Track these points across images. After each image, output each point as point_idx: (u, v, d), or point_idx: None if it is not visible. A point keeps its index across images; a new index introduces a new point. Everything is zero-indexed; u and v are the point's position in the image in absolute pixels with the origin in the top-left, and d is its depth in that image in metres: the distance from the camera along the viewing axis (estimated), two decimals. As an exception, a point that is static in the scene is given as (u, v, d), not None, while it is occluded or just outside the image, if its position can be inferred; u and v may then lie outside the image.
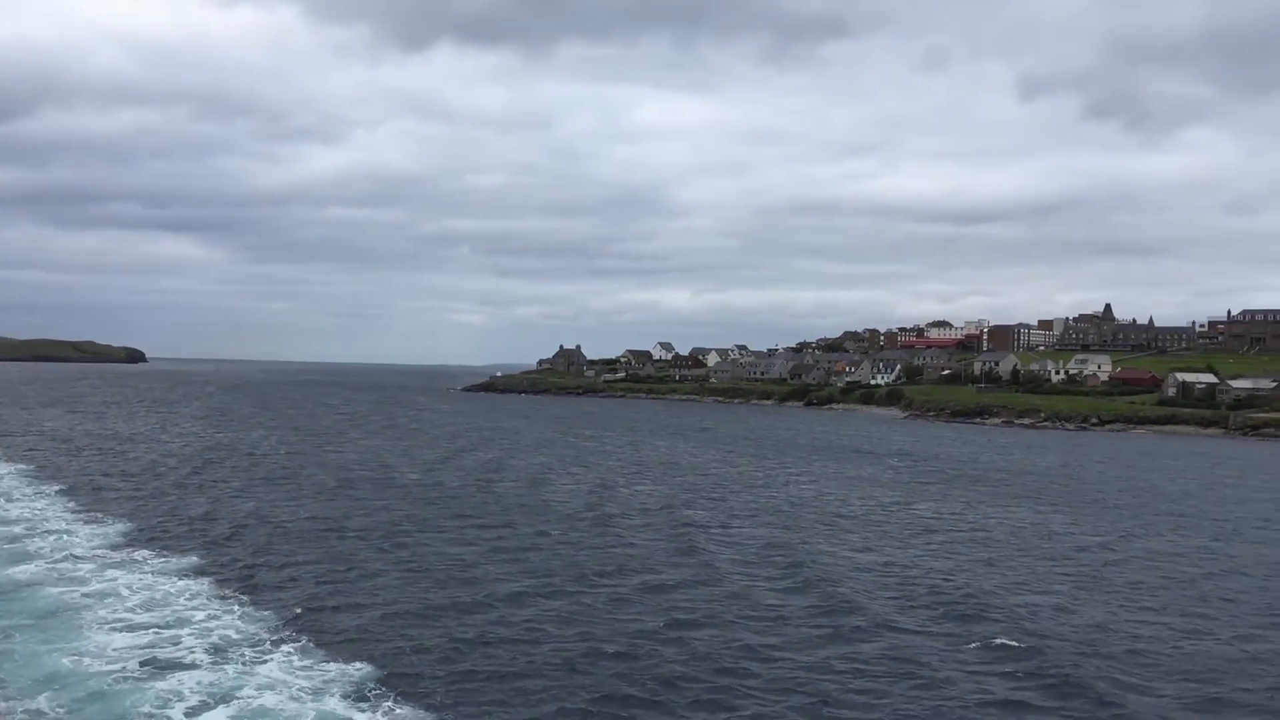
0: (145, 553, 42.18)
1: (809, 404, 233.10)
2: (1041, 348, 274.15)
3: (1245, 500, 75.88)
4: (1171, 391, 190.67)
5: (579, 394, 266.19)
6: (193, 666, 27.85)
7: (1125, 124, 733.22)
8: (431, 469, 78.58)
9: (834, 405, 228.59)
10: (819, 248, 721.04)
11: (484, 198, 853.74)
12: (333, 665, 28.17)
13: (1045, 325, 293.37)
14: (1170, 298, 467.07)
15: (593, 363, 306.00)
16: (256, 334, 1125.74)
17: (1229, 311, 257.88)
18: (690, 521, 55.25)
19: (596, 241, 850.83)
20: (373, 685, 26.66)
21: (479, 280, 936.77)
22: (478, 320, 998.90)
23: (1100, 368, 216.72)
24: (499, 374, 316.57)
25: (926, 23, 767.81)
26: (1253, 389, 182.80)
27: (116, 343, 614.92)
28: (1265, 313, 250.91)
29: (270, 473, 72.81)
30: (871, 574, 42.24)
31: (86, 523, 48.99)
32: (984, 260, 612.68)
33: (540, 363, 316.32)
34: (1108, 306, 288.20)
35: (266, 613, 33.34)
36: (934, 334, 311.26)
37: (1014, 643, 31.96)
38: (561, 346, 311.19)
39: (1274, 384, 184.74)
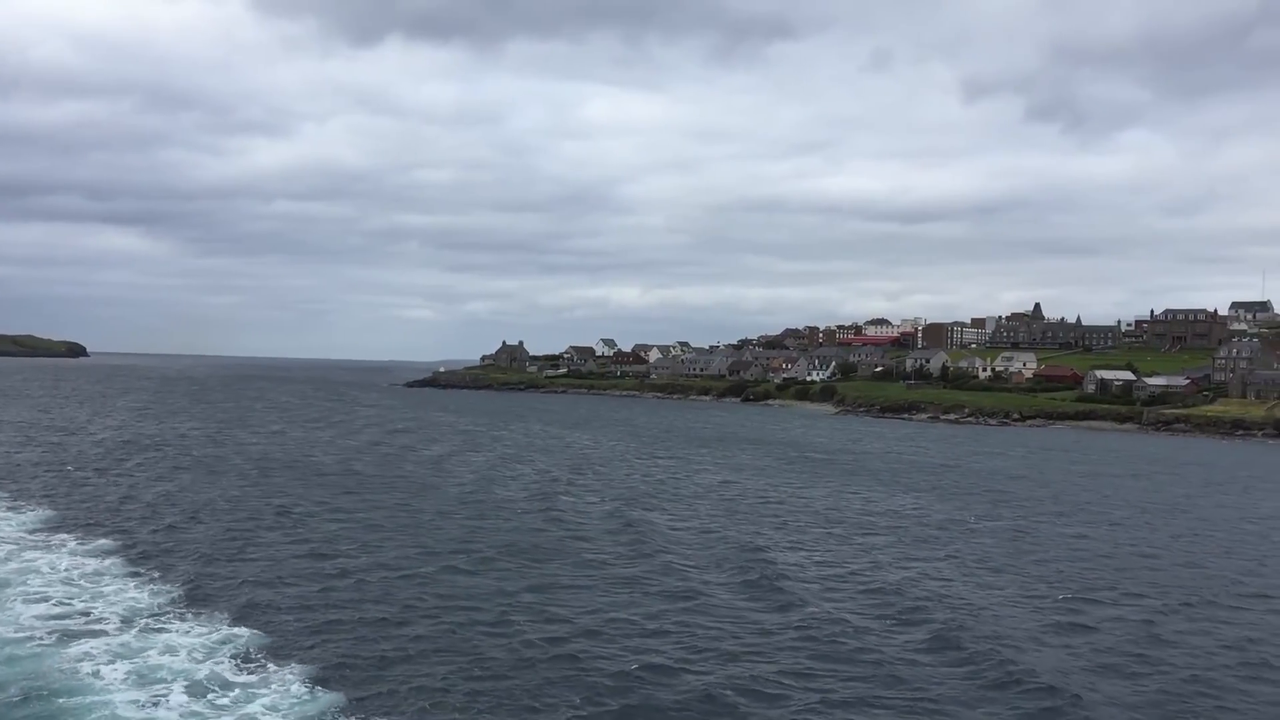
0: (64, 535, 44.94)
1: (746, 400, 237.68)
2: (974, 345, 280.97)
3: (1080, 487, 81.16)
4: (1091, 388, 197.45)
5: (521, 390, 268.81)
6: (101, 634, 30.83)
7: (1065, 126, 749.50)
8: (348, 458, 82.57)
9: (770, 401, 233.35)
10: (767, 245, 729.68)
11: (434, 193, 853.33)
12: (225, 630, 31.38)
13: (978, 323, 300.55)
14: (1110, 296, 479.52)
15: (535, 358, 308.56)
16: (201, 328, 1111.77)
17: (1151, 311, 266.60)
18: (555, 498, 62.72)
19: (546, 237, 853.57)
20: (258, 649, 29.81)
21: (428, 276, 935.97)
22: (427, 316, 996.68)
23: (1025, 365, 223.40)
24: (442, 370, 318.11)
25: (871, 25, 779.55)
26: (1166, 386, 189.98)
27: (57, 336, 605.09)
28: (1186, 312, 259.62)
29: (192, 461, 75.82)
30: (684, 536, 50.65)
31: (9, 509, 51.57)
32: (929, 258, 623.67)
33: (484, 359, 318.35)
34: (1037, 306, 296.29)
35: (171, 586, 36.51)
36: (871, 331, 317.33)
37: (782, 588, 39.15)
38: (504, 342, 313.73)
39: (1186, 381, 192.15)
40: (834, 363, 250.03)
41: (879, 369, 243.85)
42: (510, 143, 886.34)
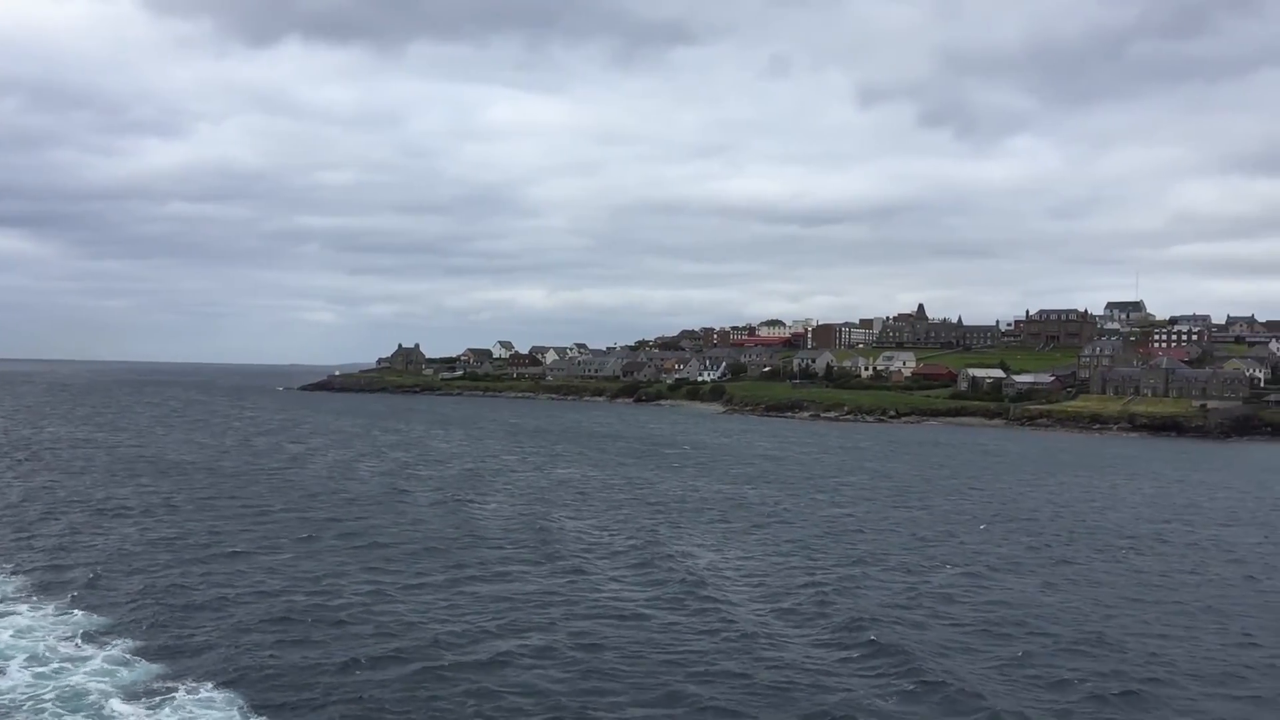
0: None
1: (639, 400, 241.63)
2: (861, 345, 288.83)
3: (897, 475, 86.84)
4: (964, 386, 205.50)
5: (416, 392, 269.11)
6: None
7: (956, 132, 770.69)
8: (215, 457, 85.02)
9: (662, 401, 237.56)
10: (671, 247, 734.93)
11: (334, 194, 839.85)
12: (78, 613, 34.35)
13: (866, 324, 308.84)
14: (1003, 297, 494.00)
15: (432, 361, 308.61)
16: (93, 333, 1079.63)
17: (1027, 311, 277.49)
18: (397, 485, 70.48)
19: (450, 240, 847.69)
20: (102, 629, 32.59)
21: (330, 278, 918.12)
22: (329, 319, 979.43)
23: (905, 364, 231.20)
24: (337, 373, 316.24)
25: (769, 32, 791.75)
26: (1033, 383, 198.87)
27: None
28: (1059, 312, 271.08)
29: (59, 462, 77.19)
30: (485, 512, 59.05)
31: None
32: (829, 260, 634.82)
33: (379, 361, 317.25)
34: (920, 307, 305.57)
35: (25, 574, 39.51)
36: (765, 332, 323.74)
37: (555, 550, 46.81)
38: (400, 345, 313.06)
39: (1052, 379, 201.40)
40: (724, 363, 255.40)
41: (767, 369, 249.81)
42: (412, 145, 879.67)
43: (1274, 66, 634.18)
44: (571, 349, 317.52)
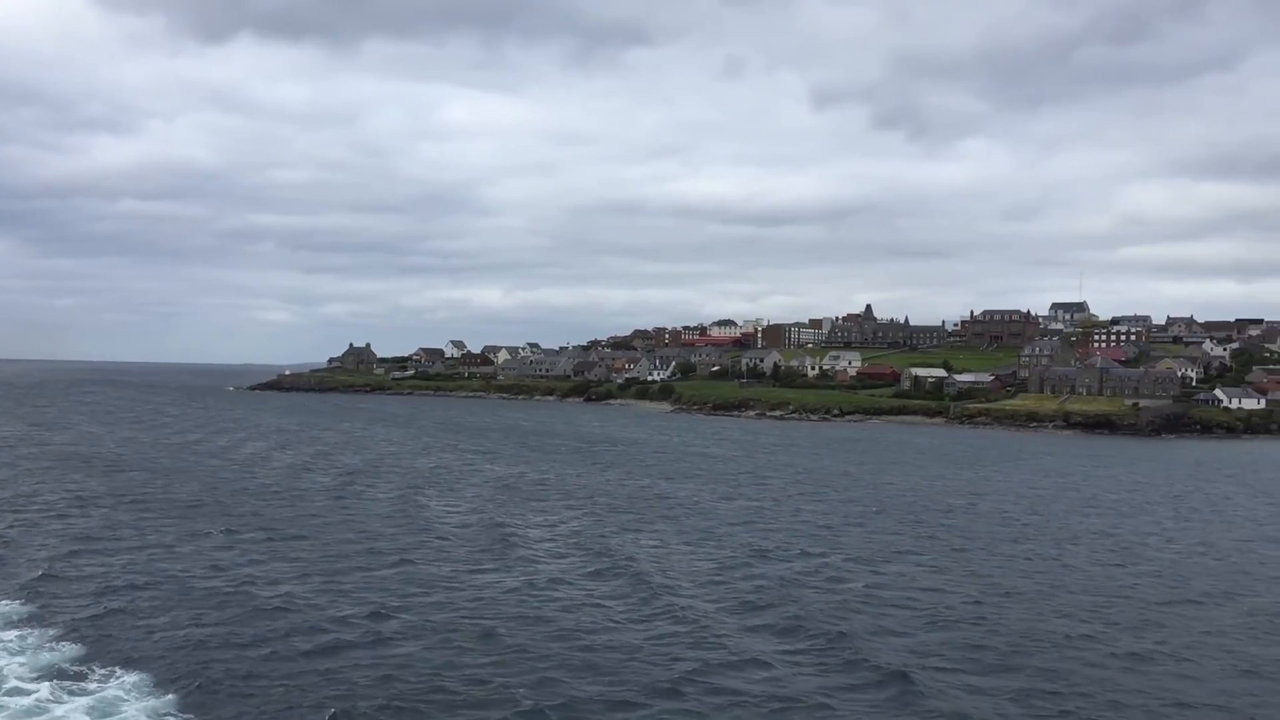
0: None
1: (589, 399, 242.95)
2: (810, 345, 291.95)
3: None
4: (907, 385, 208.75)
5: (367, 392, 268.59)
6: None
7: (909, 134, 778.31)
8: (152, 455, 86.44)
9: (612, 401, 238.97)
10: (629, 247, 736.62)
11: (288, 193, 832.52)
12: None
13: (816, 324, 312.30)
14: (957, 298, 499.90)
15: (383, 361, 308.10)
16: (44, 332, 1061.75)
17: (971, 312, 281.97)
18: (309, 474, 76.03)
19: (406, 239, 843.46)
20: (25, 619, 33.70)
21: (284, 277, 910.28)
22: (283, 318, 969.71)
23: (850, 364, 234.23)
24: (287, 372, 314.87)
25: (724, 34, 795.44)
26: (973, 382, 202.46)
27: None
28: (1003, 313, 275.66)
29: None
30: (379, 496, 65.32)
31: None
32: (785, 260, 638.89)
33: (330, 361, 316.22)
34: (868, 307, 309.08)
35: None
36: (716, 332, 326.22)
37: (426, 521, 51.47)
38: (351, 345, 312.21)
39: (992, 378, 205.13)
40: (674, 363, 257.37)
41: (716, 368, 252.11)
42: (367, 143, 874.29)
43: (1216, 72, 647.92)
44: (524, 348, 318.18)
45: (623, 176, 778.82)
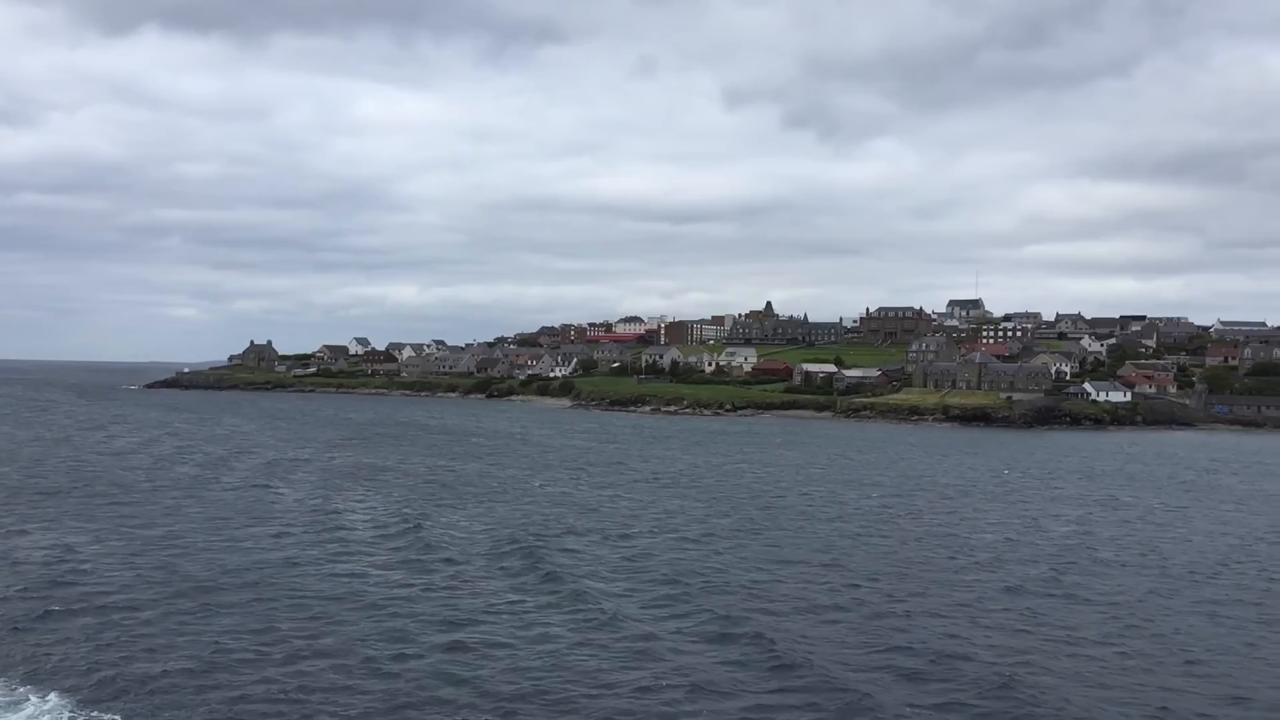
0: None
1: (491, 396, 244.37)
2: (712, 341, 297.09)
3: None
4: (799, 380, 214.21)
5: (267, 389, 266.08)
6: None
7: (820, 134, 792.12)
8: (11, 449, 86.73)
9: (513, 397, 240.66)
10: (544, 243, 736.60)
11: (196, 187, 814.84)
12: None
13: (718, 320, 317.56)
14: (870, 294, 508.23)
15: (285, 358, 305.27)
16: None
17: (867, 309, 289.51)
18: (169, 465, 79.71)
19: (319, 235, 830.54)
20: None
21: (193, 273, 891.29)
22: (192, 314, 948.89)
23: (746, 360, 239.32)
24: (186, 370, 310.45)
25: (636, 33, 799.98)
26: (861, 378, 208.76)
27: None
28: (897, 310, 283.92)
29: None
30: (211, 480, 70.02)
31: None
32: (701, 258, 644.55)
33: (231, 358, 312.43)
34: (768, 304, 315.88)
35: None
36: (622, 329, 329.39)
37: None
38: (252, 342, 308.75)
39: (878, 373, 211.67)
40: (575, 359, 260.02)
41: (616, 365, 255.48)
42: (278, 138, 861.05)
43: (1113, 77, 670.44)
44: (429, 345, 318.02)
45: (537, 173, 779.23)
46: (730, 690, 28.09)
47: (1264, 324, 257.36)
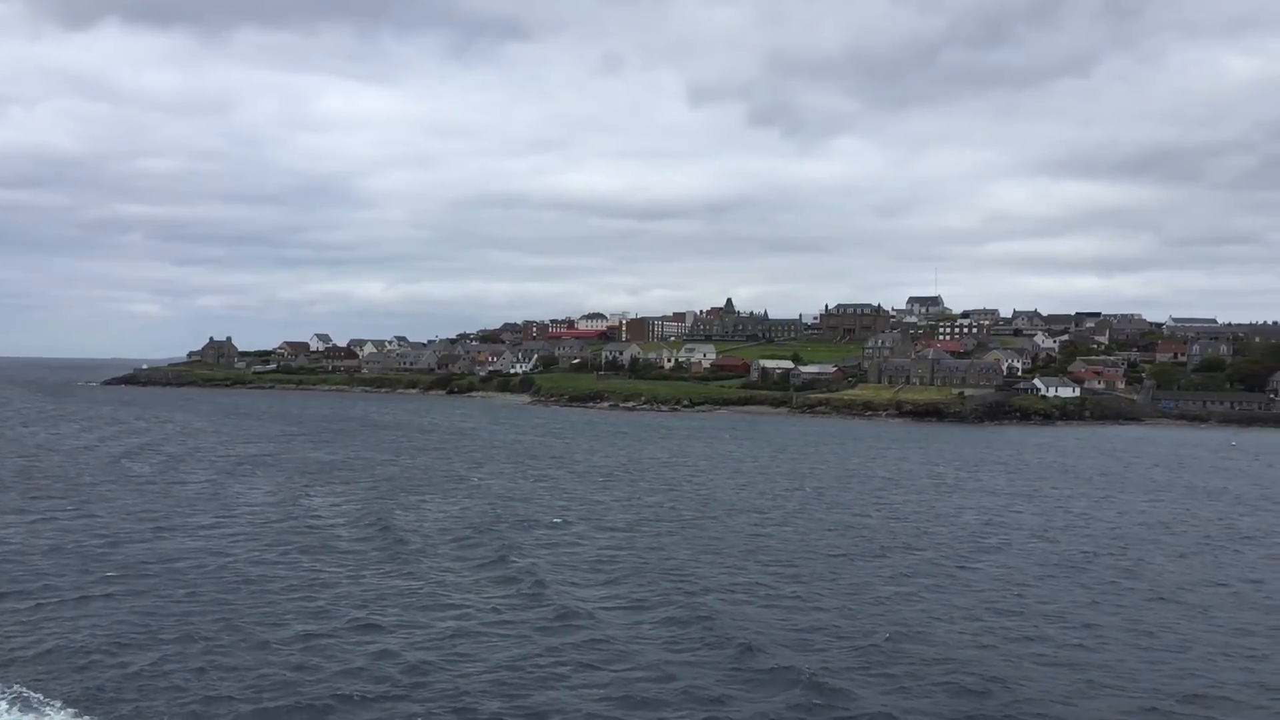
0: None
1: (451, 392, 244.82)
2: (673, 338, 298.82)
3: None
4: (756, 376, 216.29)
5: (226, 386, 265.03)
6: None
7: (784, 131, 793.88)
8: None
9: (474, 393, 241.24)
10: (510, 240, 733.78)
11: (158, 183, 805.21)
12: None
13: (679, 317, 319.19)
14: (835, 291, 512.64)
15: (245, 355, 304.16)
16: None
17: (826, 306, 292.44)
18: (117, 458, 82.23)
19: (282, 230, 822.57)
20: None
21: (155, 269, 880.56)
22: (154, 311, 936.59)
23: (705, 356, 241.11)
24: (144, 366, 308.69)
25: (601, 30, 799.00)
26: (816, 374, 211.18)
27: None
28: (855, 307, 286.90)
29: None
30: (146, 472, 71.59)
31: None
32: (667, 255, 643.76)
33: (190, 355, 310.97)
34: (729, 301, 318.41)
35: None
36: (584, 325, 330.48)
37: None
38: (211, 338, 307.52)
39: (834, 370, 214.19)
40: (536, 355, 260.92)
41: (577, 361, 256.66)
42: (240, 133, 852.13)
43: (1072, 77, 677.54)
44: (390, 342, 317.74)
45: (502, 169, 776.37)
46: (630, 654, 30.01)
47: (1214, 321, 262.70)
